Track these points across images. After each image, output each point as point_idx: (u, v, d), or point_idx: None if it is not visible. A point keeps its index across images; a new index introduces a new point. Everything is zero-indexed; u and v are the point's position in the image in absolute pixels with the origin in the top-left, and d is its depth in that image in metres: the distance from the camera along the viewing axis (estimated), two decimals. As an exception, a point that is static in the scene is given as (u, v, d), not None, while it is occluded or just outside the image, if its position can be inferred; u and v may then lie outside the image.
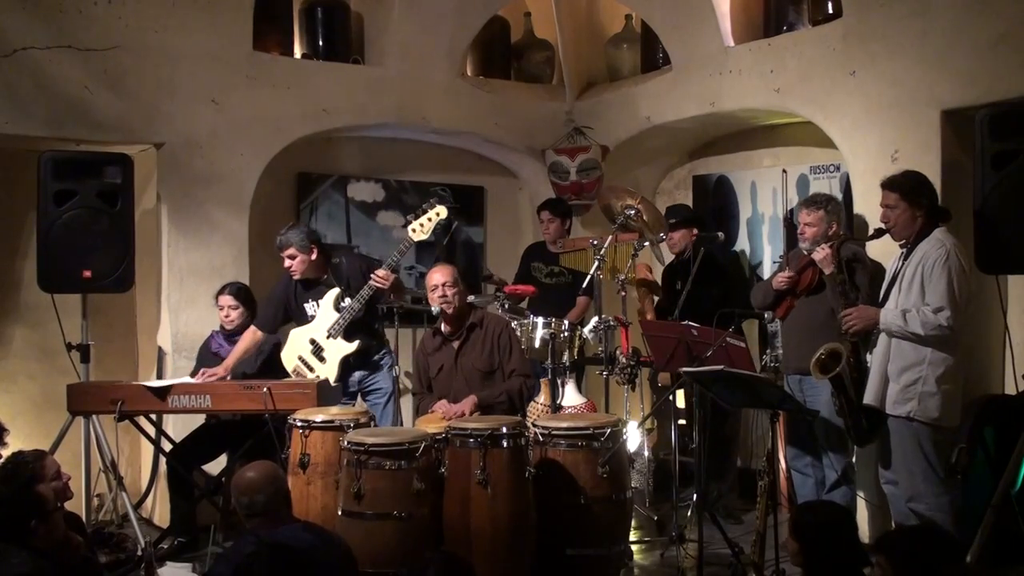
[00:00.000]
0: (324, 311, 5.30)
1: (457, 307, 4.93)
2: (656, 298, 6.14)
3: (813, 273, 4.91)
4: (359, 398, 5.55)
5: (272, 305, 5.48)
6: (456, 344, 4.94)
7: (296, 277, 5.37)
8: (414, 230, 5.22)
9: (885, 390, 4.43)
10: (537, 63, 7.53)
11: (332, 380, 5.28)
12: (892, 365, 4.42)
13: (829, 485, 4.96)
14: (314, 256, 5.33)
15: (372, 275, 5.16)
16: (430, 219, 5.20)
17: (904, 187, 4.46)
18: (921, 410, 4.32)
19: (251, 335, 5.41)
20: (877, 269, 4.88)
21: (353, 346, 5.26)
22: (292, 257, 5.30)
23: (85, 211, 5.17)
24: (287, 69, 6.21)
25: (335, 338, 5.25)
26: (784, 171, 5.15)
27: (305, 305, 5.42)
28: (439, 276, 4.98)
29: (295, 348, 5.37)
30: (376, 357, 5.43)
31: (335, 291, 5.30)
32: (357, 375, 5.44)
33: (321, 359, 5.31)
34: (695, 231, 5.96)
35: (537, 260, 6.55)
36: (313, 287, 5.41)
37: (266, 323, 5.45)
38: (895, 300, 4.46)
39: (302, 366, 5.34)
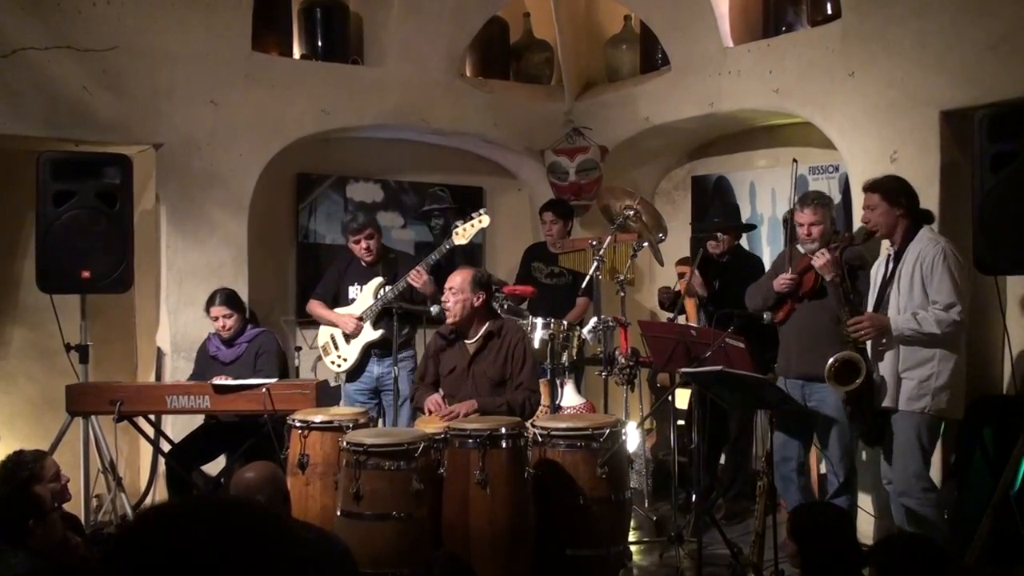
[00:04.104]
0: (364, 296, 5.68)
1: (457, 316, 4.80)
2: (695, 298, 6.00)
3: (816, 276, 4.88)
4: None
5: (331, 282, 5.86)
6: (472, 349, 4.85)
7: (369, 259, 5.68)
8: (457, 233, 5.53)
9: (898, 390, 4.44)
10: (536, 64, 7.53)
11: (352, 362, 5.66)
12: (903, 365, 4.43)
13: (832, 492, 4.94)
14: (381, 240, 5.77)
15: (409, 272, 5.45)
16: (473, 226, 5.52)
17: (883, 188, 4.52)
18: (934, 405, 4.36)
19: (319, 305, 5.75)
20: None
21: (377, 334, 5.59)
22: (371, 238, 5.65)
23: (84, 212, 5.16)
24: (286, 70, 6.21)
25: (365, 322, 5.59)
26: (795, 160, 5.03)
27: (350, 287, 5.76)
28: (451, 280, 4.88)
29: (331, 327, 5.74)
30: (400, 355, 5.51)
31: (378, 280, 5.64)
32: (376, 371, 5.55)
33: (347, 340, 5.68)
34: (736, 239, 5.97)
35: (537, 260, 6.56)
36: (363, 273, 5.72)
37: (325, 297, 5.80)
38: (895, 304, 4.44)
39: (330, 343, 5.74)
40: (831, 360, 4.42)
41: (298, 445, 4.47)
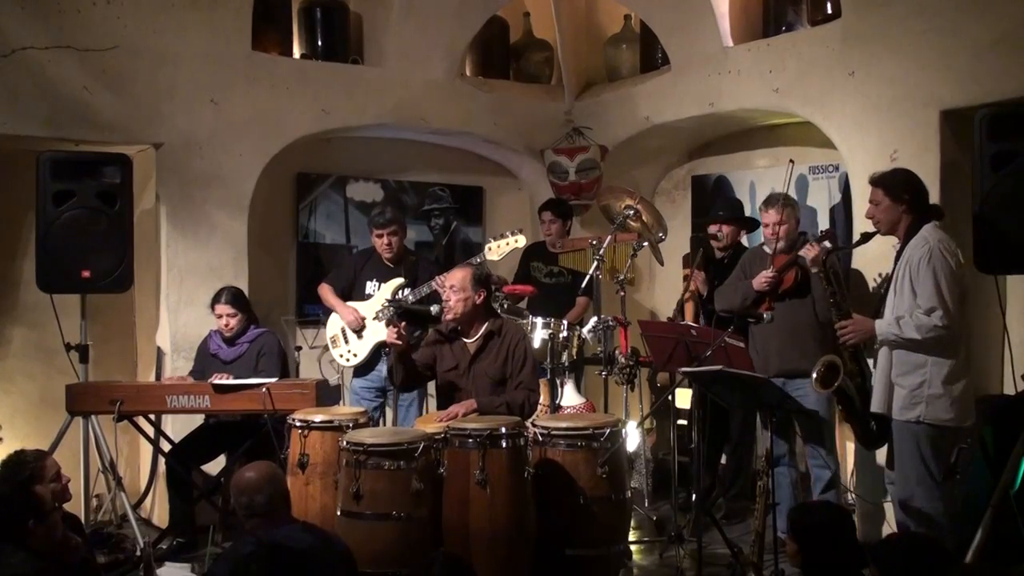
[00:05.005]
0: (382, 294, 5.61)
1: (458, 314, 4.78)
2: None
3: (796, 273, 4.90)
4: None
5: (346, 272, 5.82)
6: (473, 349, 4.84)
7: (389, 256, 5.64)
8: (490, 249, 5.52)
9: (891, 396, 4.36)
10: (536, 63, 7.53)
11: (361, 358, 5.62)
12: (896, 370, 4.34)
13: (822, 488, 4.96)
14: (405, 238, 5.76)
15: (436, 278, 5.38)
16: (508, 243, 5.49)
17: (886, 182, 4.44)
18: (930, 413, 4.24)
19: (329, 291, 5.73)
20: (857, 277, 4.92)
21: None
22: (394, 235, 5.61)
23: (84, 211, 5.16)
24: (286, 69, 6.21)
25: (379, 321, 5.51)
26: (792, 161, 5.07)
27: (368, 282, 5.70)
28: (450, 277, 4.88)
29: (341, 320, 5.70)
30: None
31: (399, 280, 5.59)
32: (385, 370, 5.53)
33: (360, 336, 5.62)
34: (743, 233, 5.94)
35: (537, 260, 6.55)
36: (383, 270, 5.68)
37: (339, 287, 5.75)
38: (890, 305, 4.38)
39: (340, 336, 5.68)
40: (816, 366, 4.42)
41: (298, 445, 4.48)
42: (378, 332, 5.55)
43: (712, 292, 5.67)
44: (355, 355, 5.65)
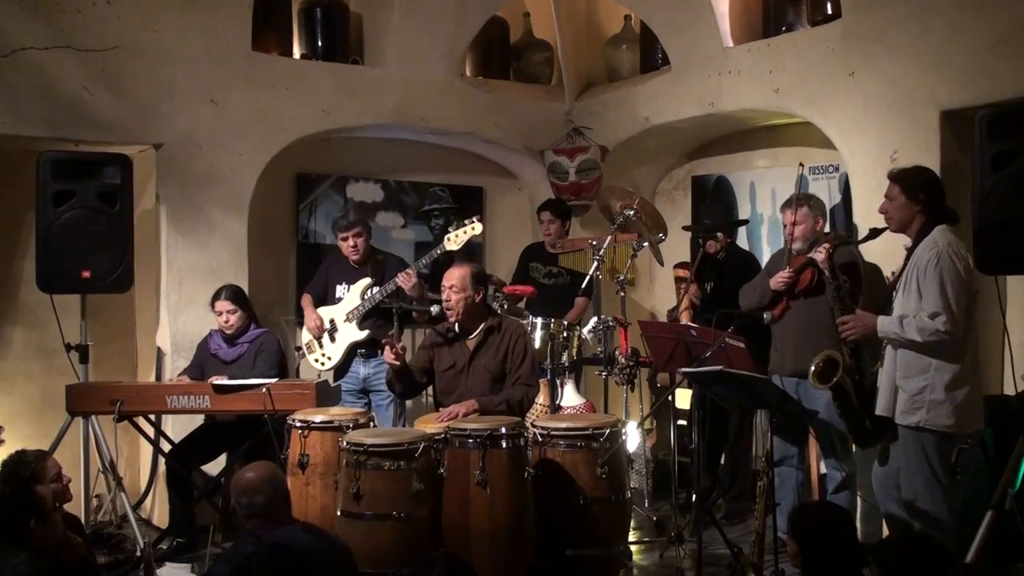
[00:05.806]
0: (351, 296, 5.70)
1: (459, 314, 4.78)
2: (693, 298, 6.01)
3: (812, 273, 4.89)
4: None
5: (320, 279, 5.95)
6: (472, 345, 4.84)
7: (355, 258, 5.71)
8: (449, 239, 5.53)
9: (895, 399, 4.33)
10: (536, 63, 7.53)
11: (335, 361, 5.70)
12: (899, 373, 4.31)
13: (833, 488, 4.95)
14: (370, 240, 5.79)
15: (398, 274, 5.43)
16: (466, 232, 5.53)
17: (904, 179, 4.41)
18: (931, 419, 4.21)
19: (307, 300, 5.87)
20: (875, 273, 4.87)
21: (363, 335, 5.60)
22: (359, 236, 5.68)
23: (84, 211, 5.16)
24: (286, 69, 6.21)
25: (351, 322, 5.62)
26: (801, 164, 5.06)
27: (337, 286, 5.79)
28: (449, 277, 4.84)
29: None
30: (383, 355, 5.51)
31: (367, 280, 5.67)
32: (363, 371, 5.58)
33: (332, 339, 5.72)
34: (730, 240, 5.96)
35: (535, 260, 6.55)
36: (350, 272, 5.74)
37: (315, 294, 5.89)
38: (898, 305, 4.35)
39: (314, 341, 5.79)
40: (815, 360, 4.41)
41: (298, 445, 4.48)
42: (350, 334, 5.63)
43: (706, 302, 5.69)
44: (329, 358, 5.72)
